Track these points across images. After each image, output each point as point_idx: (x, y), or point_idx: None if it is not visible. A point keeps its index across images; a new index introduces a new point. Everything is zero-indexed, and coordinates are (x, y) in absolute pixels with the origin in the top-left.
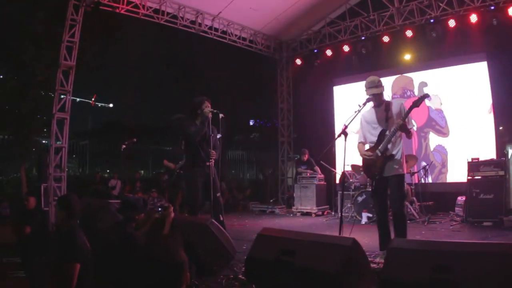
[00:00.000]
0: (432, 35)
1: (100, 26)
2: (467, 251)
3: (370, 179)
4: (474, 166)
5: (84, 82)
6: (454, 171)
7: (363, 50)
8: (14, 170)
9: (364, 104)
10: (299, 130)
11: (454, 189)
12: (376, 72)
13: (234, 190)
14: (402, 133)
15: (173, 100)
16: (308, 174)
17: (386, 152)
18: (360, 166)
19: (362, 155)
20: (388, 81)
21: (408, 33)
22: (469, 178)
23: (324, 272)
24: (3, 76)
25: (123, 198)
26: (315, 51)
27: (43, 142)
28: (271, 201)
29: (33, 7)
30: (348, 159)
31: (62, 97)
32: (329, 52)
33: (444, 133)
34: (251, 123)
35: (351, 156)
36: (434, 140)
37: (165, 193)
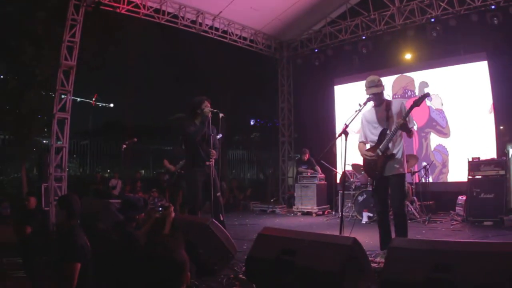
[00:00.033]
0: (433, 34)
1: (101, 26)
2: (468, 251)
3: (371, 179)
4: (474, 165)
5: (85, 82)
6: (455, 170)
7: (363, 49)
8: (14, 170)
9: (364, 104)
10: (299, 129)
11: (454, 188)
12: (377, 72)
13: (235, 189)
14: (403, 132)
15: (173, 100)
16: (309, 173)
17: (387, 151)
18: (360, 166)
19: (363, 155)
20: (389, 81)
21: (409, 32)
22: (469, 177)
23: (324, 272)
24: (3, 76)
25: (123, 198)
26: (316, 50)
27: (44, 142)
28: (271, 200)
29: (33, 7)
30: (348, 158)
31: (63, 97)
32: (329, 52)
33: (445, 133)
34: (252, 123)
35: (352, 155)
36: (434, 140)
37: (165, 193)
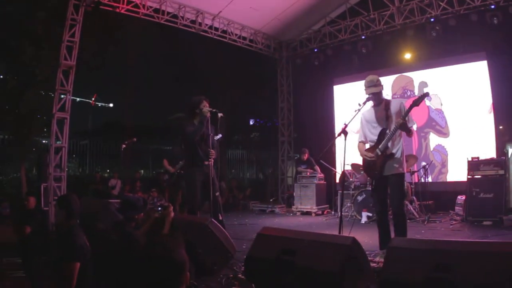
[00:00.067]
0: (433, 34)
1: (100, 25)
2: (467, 250)
3: (370, 178)
4: (474, 165)
5: (84, 82)
6: (454, 170)
7: (363, 49)
8: (14, 170)
9: (364, 103)
10: (299, 129)
11: (454, 188)
12: (377, 71)
13: (234, 189)
14: (402, 131)
15: (173, 100)
16: (308, 173)
17: (386, 151)
18: (360, 165)
19: (362, 155)
20: (389, 81)
21: (409, 32)
22: (469, 177)
23: (324, 271)
24: (3, 76)
25: (123, 198)
26: (315, 50)
27: (43, 142)
28: (271, 200)
29: (33, 7)
30: (348, 158)
31: (62, 96)
32: (329, 52)
33: (445, 133)
34: (251, 123)
35: (351, 155)
36: (434, 140)
37: (165, 192)
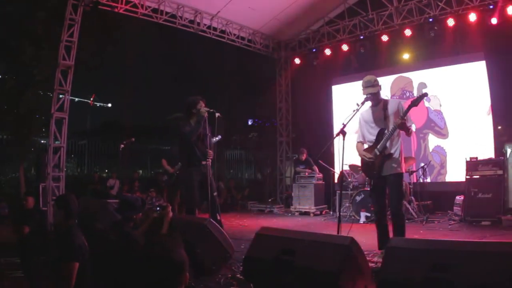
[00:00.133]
0: (431, 34)
1: (99, 25)
2: (465, 251)
3: (369, 178)
4: (472, 165)
5: (83, 82)
6: (453, 171)
7: (361, 49)
8: (12, 170)
9: (362, 103)
10: (297, 129)
11: (452, 188)
12: (375, 72)
13: (233, 189)
14: (401, 131)
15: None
16: (307, 173)
17: (384, 151)
18: (358, 166)
19: (361, 155)
20: (387, 81)
21: (407, 32)
22: (467, 177)
23: (322, 271)
24: (2, 76)
25: (121, 198)
26: (314, 50)
27: (42, 142)
28: (269, 200)
29: (33, 7)
30: (346, 158)
31: (61, 96)
32: (327, 52)
33: (444, 134)
34: (250, 123)
35: (350, 155)
36: (433, 141)
37: (163, 192)
